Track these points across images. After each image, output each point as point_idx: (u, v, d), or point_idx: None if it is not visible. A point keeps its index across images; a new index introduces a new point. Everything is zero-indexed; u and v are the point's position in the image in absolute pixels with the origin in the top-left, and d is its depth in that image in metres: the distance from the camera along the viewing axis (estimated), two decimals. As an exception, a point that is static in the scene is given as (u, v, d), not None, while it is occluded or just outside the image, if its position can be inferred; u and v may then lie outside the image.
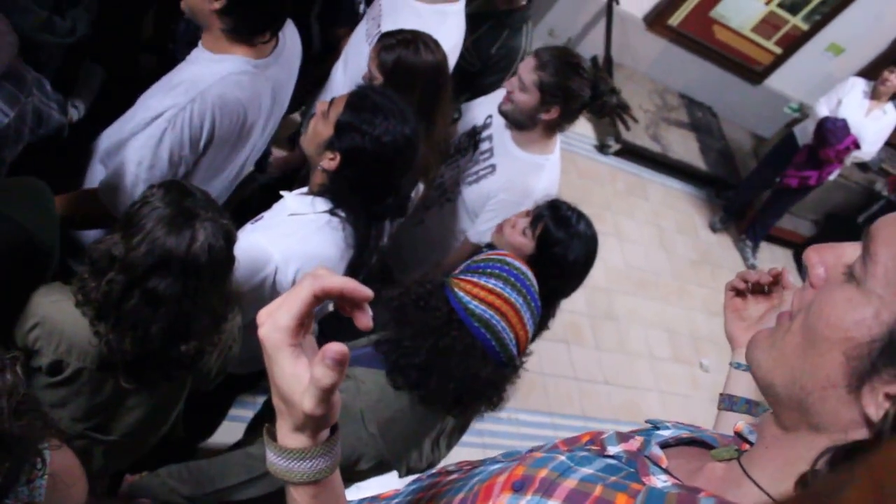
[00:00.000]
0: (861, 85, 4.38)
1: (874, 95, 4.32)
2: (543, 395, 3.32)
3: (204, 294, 1.28)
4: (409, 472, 1.31)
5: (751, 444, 0.68)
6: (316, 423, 0.61)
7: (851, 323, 0.55)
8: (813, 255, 0.61)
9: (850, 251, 0.59)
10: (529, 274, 1.29)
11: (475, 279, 1.25)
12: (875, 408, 0.54)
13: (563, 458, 0.67)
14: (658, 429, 0.74)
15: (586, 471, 0.64)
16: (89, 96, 1.97)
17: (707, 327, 4.34)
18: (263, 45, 1.60)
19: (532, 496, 0.63)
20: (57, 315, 1.31)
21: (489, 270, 1.25)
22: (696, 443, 0.72)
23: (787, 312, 0.62)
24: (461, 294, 1.24)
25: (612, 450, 0.69)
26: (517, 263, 1.29)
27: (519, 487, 0.64)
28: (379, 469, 1.29)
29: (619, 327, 3.98)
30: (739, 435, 0.71)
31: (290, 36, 1.72)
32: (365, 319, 0.62)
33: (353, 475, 1.28)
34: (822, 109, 4.38)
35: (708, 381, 4.06)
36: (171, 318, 1.28)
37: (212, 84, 1.53)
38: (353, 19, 2.47)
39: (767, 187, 4.91)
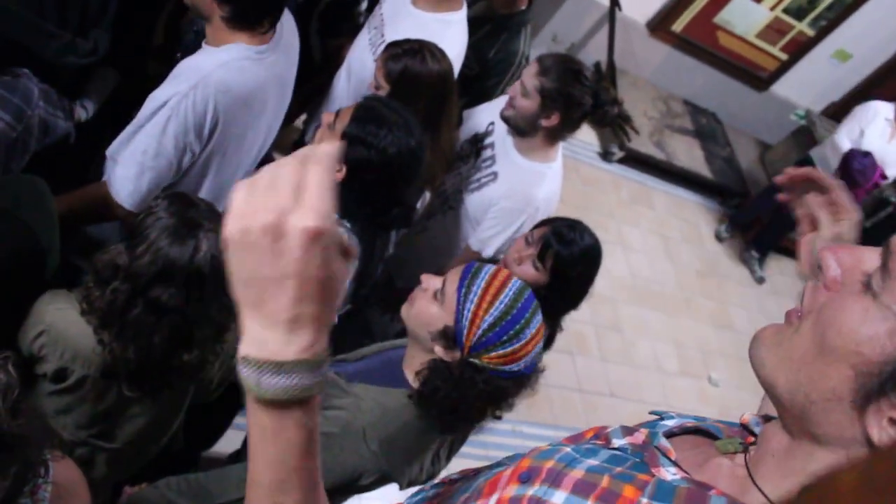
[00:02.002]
0: (885, 111, 4.18)
1: None
2: (548, 407, 3.30)
3: (206, 304, 1.29)
4: (409, 484, 1.30)
5: (756, 435, 0.67)
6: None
7: (865, 337, 0.53)
8: (828, 254, 0.59)
9: (868, 257, 0.57)
10: (525, 287, 1.30)
11: (509, 349, 1.23)
12: (878, 430, 0.53)
13: (568, 449, 0.67)
14: (662, 419, 0.73)
15: (592, 462, 0.64)
16: (99, 98, 1.99)
17: (716, 340, 4.29)
18: (263, 34, 1.60)
19: (539, 486, 0.62)
20: (62, 323, 1.32)
21: (513, 331, 1.23)
22: (701, 432, 0.71)
23: (797, 310, 0.60)
24: (507, 367, 1.24)
25: (618, 442, 0.68)
26: (524, 293, 1.27)
27: (525, 479, 0.64)
28: (380, 483, 1.29)
29: (624, 338, 3.95)
30: (745, 427, 0.69)
31: (287, 25, 1.72)
32: None
33: (354, 490, 1.28)
34: (844, 142, 4.18)
35: (717, 395, 4.01)
36: (173, 328, 1.28)
37: (213, 70, 1.54)
38: (355, 30, 2.48)
39: (780, 210, 4.81)
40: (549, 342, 1.91)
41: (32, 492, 0.98)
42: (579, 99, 1.93)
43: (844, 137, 4.21)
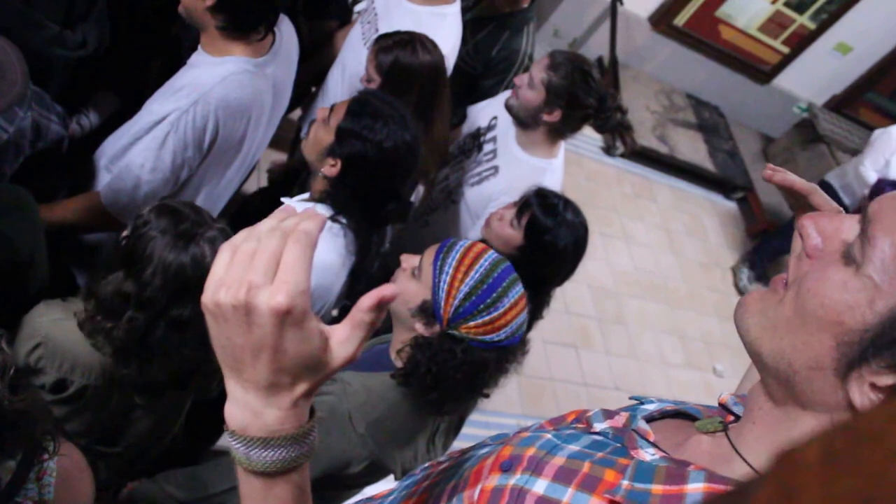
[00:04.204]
0: None
1: None
2: (553, 400, 3.29)
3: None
4: (403, 473, 1.29)
5: (735, 415, 0.68)
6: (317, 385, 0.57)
7: (845, 307, 0.53)
8: (808, 222, 0.59)
9: (848, 225, 0.57)
10: (502, 260, 1.29)
11: (486, 318, 1.22)
12: (860, 396, 0.53)
13: (549, 436, 0.67)
14: (643, 403, 0.74)
15: (573, 448, 0.64)
16: (98, 119, 1.98)
17: (720, 331, 4.28)
18: (260, 42, 1.61)
19: (521, 475, 0.62)
20: (59, 334, 1.30)
21: (490, 300, 1.23)
22: (681, 415, 0.72)
23: (783, 278, 0.60)
24: (486, 337, 1.23)
25: (599, 426, 0.69)
26: (500, 264, 1.26)
27: (507, 467, 0.64)
28: (372, 471, 1.28)
29: (628, 331, 3.94)
30: (724, 406, 0.70)
31: (286, 32, 1.73)
32: None
33: (346, 479, 1.27)
34: (871, 174, 4.05)
35: (722, 386, 4.00)
36: (200, 336, 1.26)
37: (214, 86, 1.55)
38: (344, 12, 2.45)
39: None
40: (536, 311, 1.85)
41: (38, 477, 0.98)
42: (583, 100, 1.93)
43: (870, 168, 4.08)
